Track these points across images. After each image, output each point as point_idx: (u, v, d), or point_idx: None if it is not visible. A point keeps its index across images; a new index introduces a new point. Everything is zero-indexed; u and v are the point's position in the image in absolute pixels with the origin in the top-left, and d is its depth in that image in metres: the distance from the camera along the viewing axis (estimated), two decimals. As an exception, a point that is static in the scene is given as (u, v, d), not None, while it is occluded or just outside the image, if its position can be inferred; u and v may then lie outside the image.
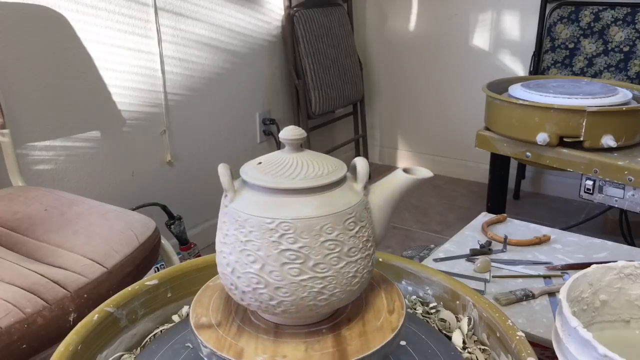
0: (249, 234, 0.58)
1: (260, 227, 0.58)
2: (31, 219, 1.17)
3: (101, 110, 1.73)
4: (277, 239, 0.58)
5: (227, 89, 2.18)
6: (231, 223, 0.60)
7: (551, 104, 1.51)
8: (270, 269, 0.58)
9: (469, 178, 2.83)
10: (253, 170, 0.62)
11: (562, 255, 1.17)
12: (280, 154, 0.64)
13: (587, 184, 1.52)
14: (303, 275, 0.58)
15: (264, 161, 0.63)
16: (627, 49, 2.20)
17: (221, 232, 0.61)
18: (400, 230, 2.32)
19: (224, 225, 0.61)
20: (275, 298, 0.59)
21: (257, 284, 0.59)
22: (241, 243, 0.59)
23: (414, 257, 1.79)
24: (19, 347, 0.87)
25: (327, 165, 0.63)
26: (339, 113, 2.78)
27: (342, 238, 0.59)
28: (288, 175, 0.60)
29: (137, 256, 1.10)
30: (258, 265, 0.58)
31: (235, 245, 0.59)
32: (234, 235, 0.59)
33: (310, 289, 0.59)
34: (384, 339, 0.62)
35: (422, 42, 2.78)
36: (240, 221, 0.59)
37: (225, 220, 0.61)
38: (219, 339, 0.62)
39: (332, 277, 0.59)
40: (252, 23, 2.25)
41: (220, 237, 0.62)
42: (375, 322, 0.65)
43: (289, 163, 0.62)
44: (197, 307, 0.67)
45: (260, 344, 0.62)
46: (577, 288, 0.74)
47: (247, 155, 2.27)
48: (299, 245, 0.58)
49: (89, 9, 1.63)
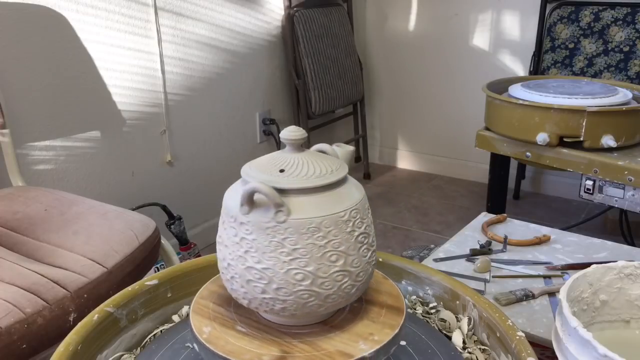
0: (327, 234, 0.59)
1: (336, 224, 0.59)
2: (31, 219, 1.17)
3: (101, 110, 1.73)
4: (351, 227, 0.60)
5: (227, 89, 2.18)
6: (299, 235, 0.58)
7: (551, 104, 1.51)
8: (351, 259, 0.60)
9: (469, 178, 2.83)
10: (282, 177, 0.60)
11: (562, 255, 1.17)
12: (282, 154, 0.64)
13: (587, 184, 1.52)
14: (369, 253, 0.62)
15: (264, 160, 0.63)
16: (627, 49, 2.20)
17: (282, 250, 0.58)
18: (400, 230, 2.32)
19: (285, 242, 0.58)
20: (355, 285, 0.61)
21: (342, 280, 0.60)
22: (320, 248, 0.58)
23: (414, 257, 1.79)
24: (19, 347, 0.87)
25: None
26: (339, 113, 2.78)
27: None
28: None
29: (137, 256, 1.10)
30: (341, 262, 0.59)
31: (312, 255, 0.58)
32: (310, 244, 0.58)
33: (372, 263, 0.64)
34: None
35: (422, 42, 2.78)
36: (313, 227, 0.58)
37: (286, 236, 0.58)
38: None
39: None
40: (252, 23, 2.25)
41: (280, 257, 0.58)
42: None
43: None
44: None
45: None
46: (577, 288, 0.74)
47: (247, 155, 2.27)
48: (365, 225, 0.62)
49: (89, 9, 1.63)
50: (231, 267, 0.61)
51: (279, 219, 0.58)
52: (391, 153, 3.08)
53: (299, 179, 0.60)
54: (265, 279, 0.59)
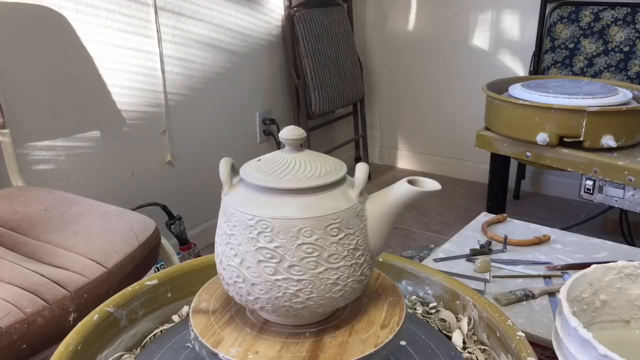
0: (233, 227, 0.60)
1: (242, 223, 0.59)
2: (31, 219, 1.17)
3: (101, 110, 1.73)
4: (255, 236, 0.59)
5: (227, 89, 2.18)
6: (222, 215, 0.62)
7: (551, 104, 1.51)
8: (248, 264, 0.59)
9: (469, 178, 2.83)
10: (250, 167, 0.63)
11: (562, 255, 1.17)
12: (281, 154, 0.64)
13: (587, 184, 1.52)
14: (278, 275, 0.58)
15: (263, 159, 0.64)
16: (627, 49, 2.20)
17: (218, 223, 0.64)
18: (400, 230, 2.32)
19: (220, 218, 0.63)
20: (252, 294, 0.60)
21: (237, 278, 0.61)
22: (227, 236, 0.61)
23: (414, 257, 1.79)
24: (19, 347, 0.87)
25: (325, 165, 0.62)
26: (339, 113, 2.78)
27: (321, 243, 0.58)
28: (278, 174, 0.60)
29: (137, 256, 1.10)
30: (238, 260, 0.60)
31: (223, 238, 0.62)
32: (222, 228, 0.62)
33: (285, 289, 0.59)
34: (361, 353, 0.59)
35: (422, 42, 2.78)
36: (228, 215, 0.61)
37: (220, 212, 0.63)
38: (207, 325, 0.64)
39: (307, 282, 0.59)
40: (252, 23, 2.25)
41: (217, 228, 0.64)
42: (362, 334, 0.63)
43: (286, 162, 0.62)
44: (203, 293, 0.70)
45: (242, 336, 0.62)
46: (577, 288, 0.74)
47: (247, 155, 2.26)
48: (275, 245, 0.58)
49: (89, 9, 1.63)
50: (218, 258, 0.64)
51: (222, 194, 0.63)
52: (391, 153, 3.08)
53: (286, 179, 0.60)
54: (242, 273, 0.61)
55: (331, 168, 0.62)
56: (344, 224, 0.59)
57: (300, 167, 0.61)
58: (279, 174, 0.60)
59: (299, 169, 0.61)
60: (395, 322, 0.64)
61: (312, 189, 0.59)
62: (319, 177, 0.60)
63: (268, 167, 0.62)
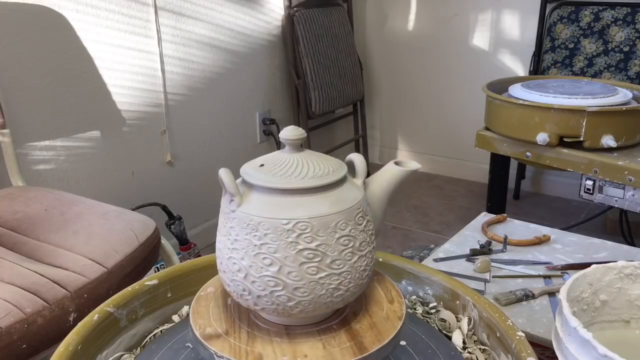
0: (263, 236, 0.58)
1: (275, 229, 0.58)
2: (31, 219, 1.17)
3: (101, 110, 1.73)
4: (294, 239, 0.58)
5: (227, 89, 2.18)
6: (242, 227, 0.59)
7: (551, 104, 1.51)
8: (289, 269, 0.58)
9: (469, 178, 2.83)
10: (257, 172, 0.62)
11: (562, 255, 1.17)
12: (281, 154, 0.64)
13: (587, 184, 1.52)
14: (321, 273, 0.59)
15: (266, 162, 0.63)
16: (627, 49, 2.20)
17: (228, 237, 0.61)
18: (400, 230, 2.32)
19: (232, 231, 0.60)
20: (293, 299, 0.59)
21: (275, 287, 0.59)
22: (255, 247, 0.59)
23: (414, 257, 1.79)
24: (19, 347, 0.87)
25: (329, 164, 0.63)
26: (339, 113, 2.78)
27: (354, 233, 0.60)
28: (296, 175, 0.60)
29: (137, 256, 1.10)
30: (275, 268, 0.58)
31: (248, 250, 0.59)
32: (247, 240, 0.59)
33: (328, 286, 0.60)
34: (395, 327, 0.63)
35: (422, 42, 2.78)
36: (253, 225, 0.59)
37: (233, 225, 0.60)
38: (233, 347, 0.61)
39: (347, 272, 0.60)
40: (252, 23, 2.25)
41: (227, 243, 0.61)
42: (380, 312, 0.66)
43: (292, 163, 0.62)
44: (197, 319, 0.66)
45: (277, 346, 0.61)
46: (577, 288, 0.74)
47: (247, 155, 2.27)
48: (316, 244, 0.58)
49: (89, 9, 1.63)
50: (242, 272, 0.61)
51: (231, 207, 0.60)
52: (391, 153, 3.08)
53: (307, 178, 0.60)
54: (281, 280, 0.59)
55: (335, 165, 0.63)
56: (363, 211, 0.62)
57: (309, 166, 0.61)
58: (296, 174, 0.60)
59: (310, 168, 0.61)
60: (396, 294, 0.67)
61: (332, 184, 0.61)
62: (334, 172, 0.61)
63: (278, 169, 0.61)
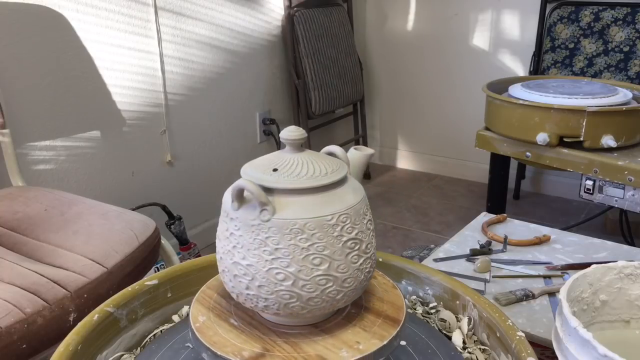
0: (311, 237, 0.58)
1: (322, 227, 0.58)
2: (31, 219, 1.17)
3: (101, 110, 1.73)
4: (339, 232, 0.59)
5: (227, 89, 2.18)
6: (284, 234, 0.58)
7: (551, 104, 1.51)
8: (337, 264, 0.59)
9: (469, 178, 2.83)
10: (275, 176, 0.60)
11: (562, 255, 1.17)
12: (282, 155, 0.64)
13: (587, 184, 1.52)
14: (360, 260, 0.61)
15: (276, 165, 0.62)
16: (627, 49, 2.20)
17: (265, 249, 0.59)
18: (400, 230, 2.32)
19: (269, 241, 0.58)
20: (341, 291, 0.60)
21: (326, 284, 0.59)
22: (303, 250, 0.58)
23: (414, 257, 1.79)
24: (19, 347, 0.87)
25: (331, 161, 0.63)
26: (339, 113, 2.78)
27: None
28: (310, 175, 0.60)
29: (137, 256, 1.10)
30: (325, 265, 0.59)
31: (294, 255, 0.58)
32: (292, 245, 0.58)
33: (365, 271, 0.62)
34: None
35: (422, 42, 2.78)
36: (298, 228, 0.58)
37: (270, 235, 0.58)
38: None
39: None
40: (252, 23, 2.25)
41: (262, 257, 0.59)
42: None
43: (297, 163, 0.62)
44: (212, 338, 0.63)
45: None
46: (577, 288, 0.74)
47: (247, 155, 2.27)
48: (356, 232, 0.61)
49: (89, 9, 1.63)
50: (222, 261, 0.63)
51: (263, 217, 0.58)
52: (391, 153, 3.08)
53: (290, 178, 0.60)
54: (249, 275, 0.59)
55: (332, 168, 0.63)
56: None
57: (300, 166, 0.61)
58: (309, 174, 0.60)
59: (302, 169, 0.61)
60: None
61: (344, 178, 0.63)
62: (341, 167, 0.63)
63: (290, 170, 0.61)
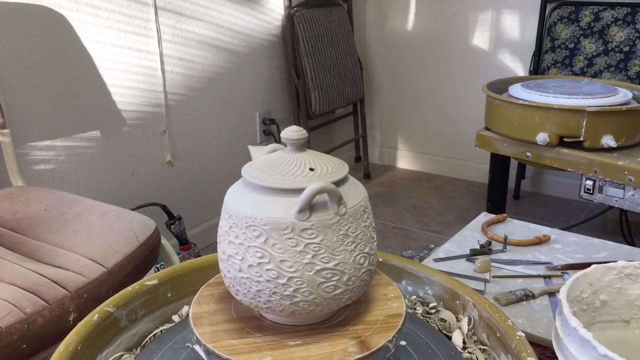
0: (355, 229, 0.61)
1: (355, 217, 0.61)
2: (31, 219, 1.17)
3: (101, 110, 1.73)
4: (364, 220, 0.62)
5: (227, 89, 2.18)
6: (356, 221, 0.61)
7: (551, 104, 1.51)
8: (372, 254, 0.63)
9: (469, 178, 2.83)
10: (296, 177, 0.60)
11: (562, 255, 1.17)
12: (282, 154, 0.64)
13: (587, 184, 1.52)
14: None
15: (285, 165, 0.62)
16: (627, 49, 2.20)
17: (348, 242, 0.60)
18: (400, 230, 2.32)
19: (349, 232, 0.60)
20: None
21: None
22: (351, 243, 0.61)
23: (414, 257, 1.79)
24: (19, 347, 0.87)
25: (332, 162, 0.64)
26: (339, 113, 2.78)
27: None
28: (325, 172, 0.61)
29: (137, 256, 1.10)
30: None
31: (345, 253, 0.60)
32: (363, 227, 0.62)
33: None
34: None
35: (422, 42, 2.78)
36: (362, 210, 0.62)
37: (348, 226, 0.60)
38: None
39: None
40: (252, 23, 2.25)
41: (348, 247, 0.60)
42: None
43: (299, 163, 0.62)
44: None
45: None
46: (577, 288, 0.74)
47: (247, 155, 2.26)
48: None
49: (89, 9, 1.63)
50: (295, 280, 0.58)
51: (341, 212, 0.59)
52: (391, 153, 3.08)
53: (327, 176, 0.61)
54: (337, 274, 0.59)
55: (335, 165, 0.64)
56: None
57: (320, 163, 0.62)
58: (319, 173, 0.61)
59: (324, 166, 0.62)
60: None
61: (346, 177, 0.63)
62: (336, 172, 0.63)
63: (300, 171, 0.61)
